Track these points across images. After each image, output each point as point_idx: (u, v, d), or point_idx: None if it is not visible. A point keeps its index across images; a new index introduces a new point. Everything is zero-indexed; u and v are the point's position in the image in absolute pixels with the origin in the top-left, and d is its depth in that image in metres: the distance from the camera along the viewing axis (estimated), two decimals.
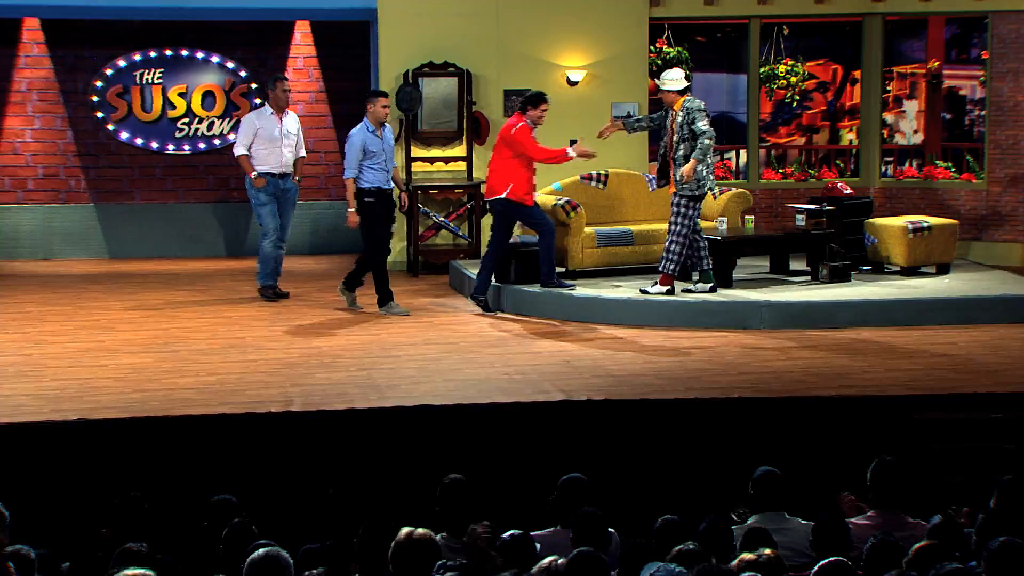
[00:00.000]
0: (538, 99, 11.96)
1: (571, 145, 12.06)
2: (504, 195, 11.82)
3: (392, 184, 11.93)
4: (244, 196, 15.93)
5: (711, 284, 11.83)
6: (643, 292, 11.73)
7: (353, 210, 11.79)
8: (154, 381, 9.51)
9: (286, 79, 12.83)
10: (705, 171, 11.47)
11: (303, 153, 12.88)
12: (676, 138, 11.57)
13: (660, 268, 11.70)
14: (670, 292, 11.67)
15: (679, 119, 11.53)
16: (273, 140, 12.50)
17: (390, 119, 14.42)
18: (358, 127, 11.89)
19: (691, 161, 11.40)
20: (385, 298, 12.01)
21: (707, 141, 11.41)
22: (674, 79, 11.60)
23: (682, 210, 11.54)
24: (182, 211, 15.98)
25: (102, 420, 8.44)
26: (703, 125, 11.43)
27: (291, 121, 12.73)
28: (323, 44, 15.99)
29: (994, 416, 8.78)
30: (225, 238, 16.07)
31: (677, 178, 11.53)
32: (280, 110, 12.60)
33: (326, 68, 16.02)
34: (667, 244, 11.63)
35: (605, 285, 12.23)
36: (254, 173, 12.45)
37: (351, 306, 12.16)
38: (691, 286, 11.79)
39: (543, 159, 11.85)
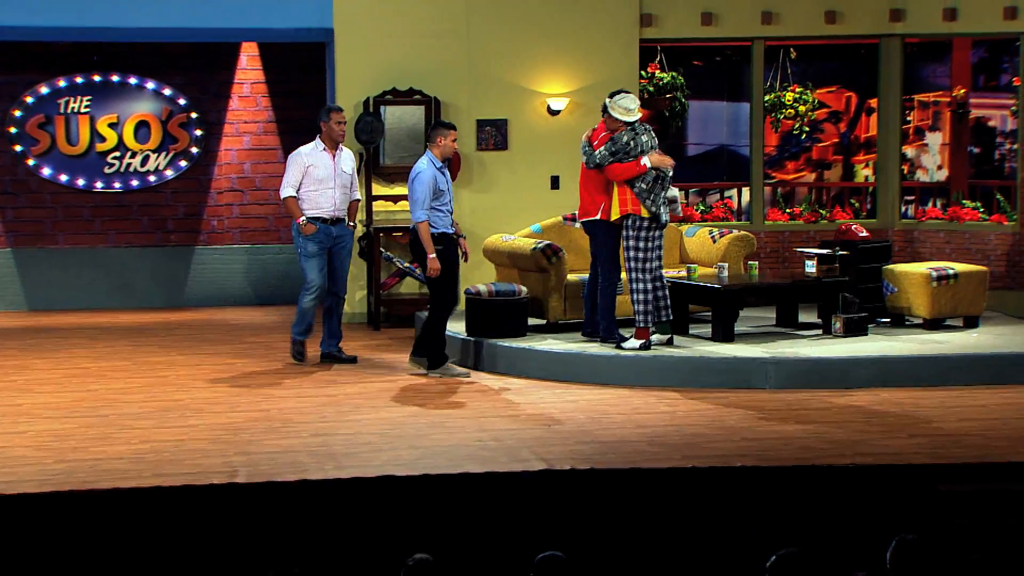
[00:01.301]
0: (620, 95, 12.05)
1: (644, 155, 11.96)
2: (597, 216, 11.94)
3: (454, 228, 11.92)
4: (183, 240, 16.07)
5: (668, 336, 11.94)
6: (618, 347, 11.81)
7: (433, 255, 11.62)
8: (79, 450, 9.48)
9: (341, 110, 12.40)
10: (661, 192, 11.56)
11: (357, 195, 12.55)
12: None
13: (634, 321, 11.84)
14: (645, 347, 11.74)
15: None
16: (325, 180, 12.18)
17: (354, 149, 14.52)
18: (424, 163, 11.69)
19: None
20: (440, 359, 11.99)
21: (592, 160, 11.66)
22: (626, 109, 11.67)
23: (631, 249, 11.68)
24: (112, 257, 15.99)
25: (19, 495, 8.40)
26: (601, 149, 11.64)
27: (346, 159, 12.41)
28: (273, 68, 16.08)
29: None
30: (162, 287, 16.08)
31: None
32: (334, 146, 12.29)
33: (276, 95, 16.10)
34: (629, 292, 11.77)
35: (589, 339, 12.26)
36: (303, 218, 12.12)
37: (456, 375, 11.94)
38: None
39: (616, 177, 11.82)
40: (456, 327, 12.76)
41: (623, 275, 12.07)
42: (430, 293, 12.00)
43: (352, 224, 12.48)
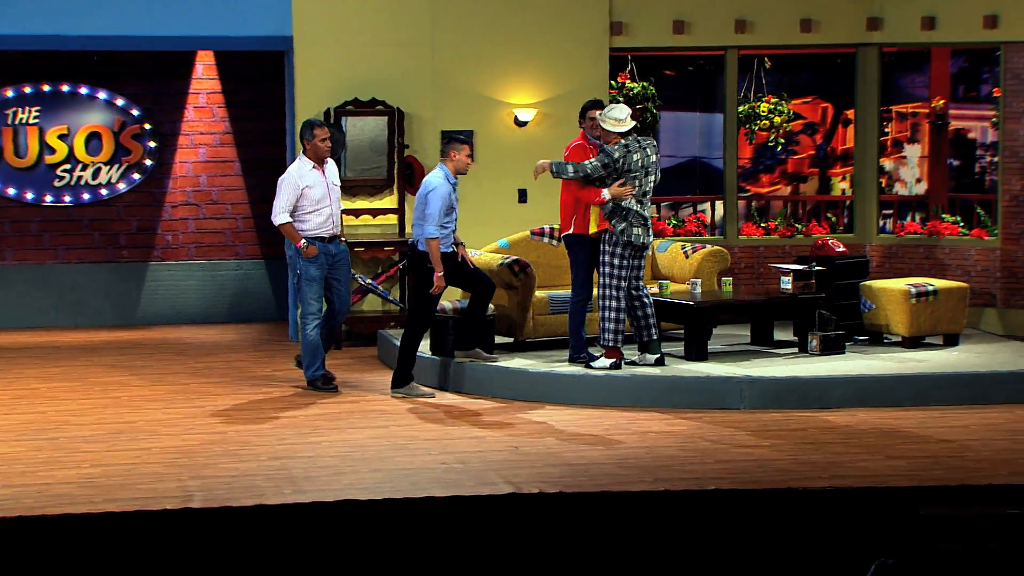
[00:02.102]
0: (593, 106, 12.17)
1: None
2: (571, 231, 12.04)
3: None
4: (136, 256, 16.01)
5: (657, 356, 11.96)
6: (588, 366, 11.83)
7: (441, 274, 11.68)
8: (27, 474, 9.43)
9: (324, 124, 12.20)
10: (627, 215, 11.59)
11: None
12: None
13: (599, 340, 11.83)
14: (616, 366, 11.76)
15: None
16: (322, 199, 11.96)
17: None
18: (438, 178, 11.76)
19: (543, 162, 11.83)
20: (406, 378, 11.99)
21: (582, 170, 11.63)
22: (616, 120, 11.72)
23: (605, 265, 11.68)
24: (62, 273, 15.91)
25: None
26: (593, 160, 11.65)
27: (332, 172, 12.20)
28: (230, 78, 16.05)
29: (1011, 512, 8.85)
30: (114, 305, 16.01)
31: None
32: (320, 162, 12.07)
33: (233, 106, 16.06)
34: (599, 309, 11.79)
35: (559, 358, 12.27)
36: (303, 242, 11.91)
37: (486, 360, 12.12)
38: (635, 359, 11.89)
39: (577, 193, 11.87)
40: (421, 346, 12.74)
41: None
42: (412, 310, 12.01)
43: (344, 239, 12.35)
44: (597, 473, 9.44)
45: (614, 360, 11.79)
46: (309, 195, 11.98)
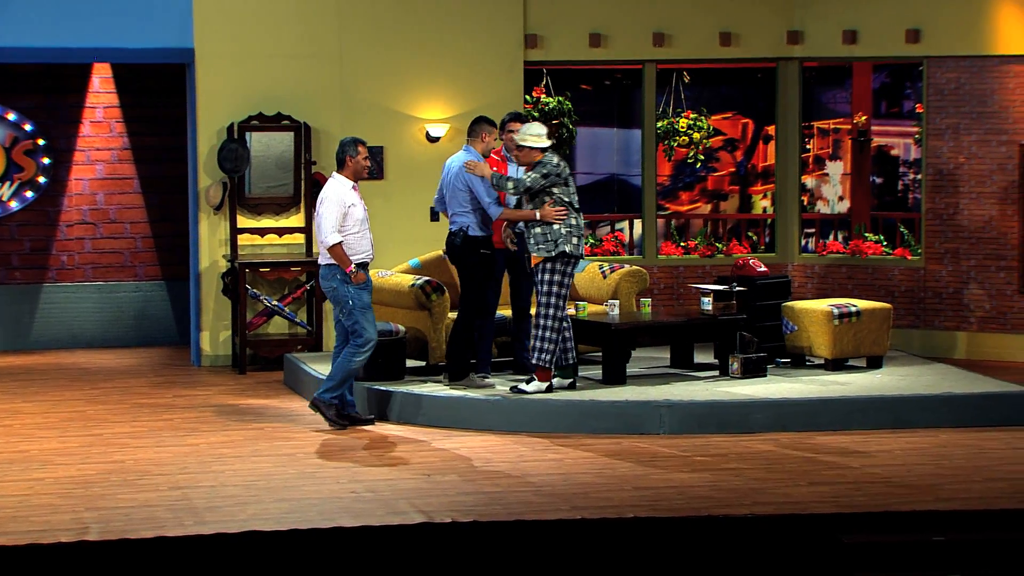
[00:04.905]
0: (514, 119, 12.41)
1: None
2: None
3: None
4: (30, 277, 15.86)
5: (571, 380, 12.03)
6: (516, 391, 11.83)
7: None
8: None
9: (365, 142, 11.87)
10: (565, 231, 11.64)
11: None
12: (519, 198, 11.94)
13: (532, 360, 11.82)
14: (551, 388, 11.77)
15: None
16: (363, 220, 11.66)
17: (214, 181, 14.44)
18: (466, 159, 12.02)
19: (484, 168, 11.86)
20: (463, 371, 12.14)
21: (522, 185, 11.67)
22: (536, 135, 11.78)
23: (546, 283, 11.69)
24: None
25: None
26: (531, 173, 11.69)
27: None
28: (128, 91, 15.95)
29: (936, 539, 8.94)
30: (5, 329, 15.85)
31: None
32: (358, 181, 11.83)
33: (132, 121, 15.96)
34: (534, 327, 11.77)
35: (474, 382, 12.27)
36: (353, 266, 11.55)
37: (480, 386, 12.13)
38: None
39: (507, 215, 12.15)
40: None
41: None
42: (464, 300, 12.15)
43: None
44: (512, 501, 9.46)
45: (548, 383, 11.78)
46: (354, 215, 11.64)
